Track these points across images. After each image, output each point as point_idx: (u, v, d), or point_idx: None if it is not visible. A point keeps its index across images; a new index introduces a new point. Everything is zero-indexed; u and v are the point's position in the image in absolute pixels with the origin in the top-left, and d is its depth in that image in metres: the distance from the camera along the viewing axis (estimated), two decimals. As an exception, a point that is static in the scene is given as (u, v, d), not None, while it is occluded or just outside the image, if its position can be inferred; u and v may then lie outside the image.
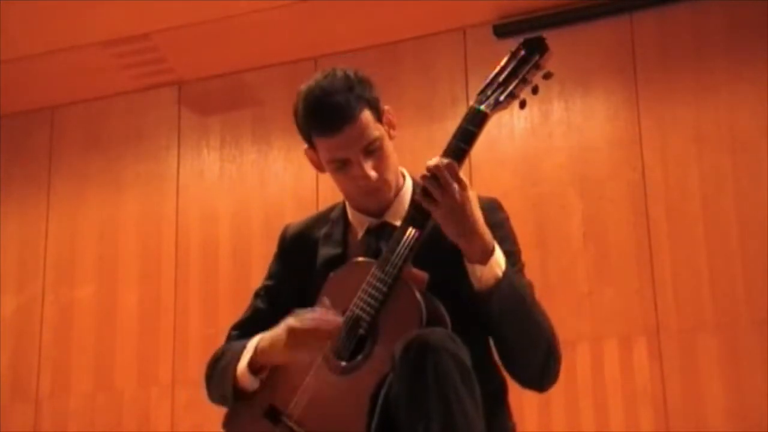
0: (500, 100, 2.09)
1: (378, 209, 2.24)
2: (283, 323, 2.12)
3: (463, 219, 2.01)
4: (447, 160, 2.01)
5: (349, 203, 2.29)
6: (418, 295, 2.04)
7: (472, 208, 2.02)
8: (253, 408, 2.19)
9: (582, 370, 4.05)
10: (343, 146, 2.14)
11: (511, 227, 2.26)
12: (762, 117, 4.12)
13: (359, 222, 2.26)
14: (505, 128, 4.44)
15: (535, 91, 2.13)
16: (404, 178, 2.28)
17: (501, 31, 4.45)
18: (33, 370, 4.87)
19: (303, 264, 2.29)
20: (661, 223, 4.16)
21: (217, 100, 4.98)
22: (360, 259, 2.17)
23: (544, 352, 2.11)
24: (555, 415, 4.07)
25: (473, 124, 2.07)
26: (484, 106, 2.09)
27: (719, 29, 4.26)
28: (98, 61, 4.81)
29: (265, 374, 2.18)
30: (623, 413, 4.02)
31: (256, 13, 4.49)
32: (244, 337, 2.30)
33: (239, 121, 4.91)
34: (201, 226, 4.83)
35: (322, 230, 2.32)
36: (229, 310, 4.20)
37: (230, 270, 4.68)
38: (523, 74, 2.10)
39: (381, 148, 2.17)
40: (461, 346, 1.92)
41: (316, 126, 2.16)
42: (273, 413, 2.15)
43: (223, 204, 4.83)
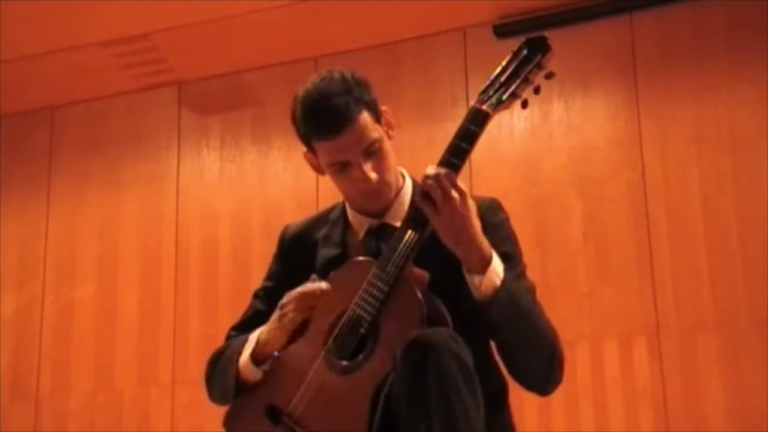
0: (502, 99, 2.09)
1: (378, 210, 2.24)
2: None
3: (462, 228, 2.01)
4: (445, 170, 2.01)
5: (349, 204, 2.29)
6: (419, 295, 2.04)
7: (471, 217, 2.02)
8: (254, 407, 2.19)
9: (582, 370, 4.05)
10: (343, 149, 2.14)
11: (512, 228, 2.25)
12: (762, 117, 4.12)
13: (359, 223, 2.26)
14: (505, 128, 4.44)
15: (537, 91, 2.13)
16: (404, 179, 2.28)
17: (501, 31, 4.45)
18: (33, 370, 4.87)
19: (303, 265, 2.28)
20: (661, 223, 4.16)
21: (217, 100, 4.98)
22: (361, 259, 2.16)
23: (546, 357, 2.11)
24: (555, 415, 4.07)
25: (475, 124, 2.07)
26: (485, 106, 2.09)
27: (719, 29, 4.26)
28: (98, 61, 4.81)
29: (268, 365, 2.18)
30: (623, 413, 4.02)
31: (256, 13, 4.49)
32: None
33: (239, 121, 4.91)
34: (201, 226, 4.83)
35: (322, 231, 2.32)
36: (229, 310, 4.20)
37: (230, 270, 4.68)
38: (525, 74, 2.10)
39: (380, 150, 2.17)
40: (463, 346, 1.92)
41: (315, 130, 2.16)
42: (274, 412, 2.15)
43: (223, 204, 4.83)
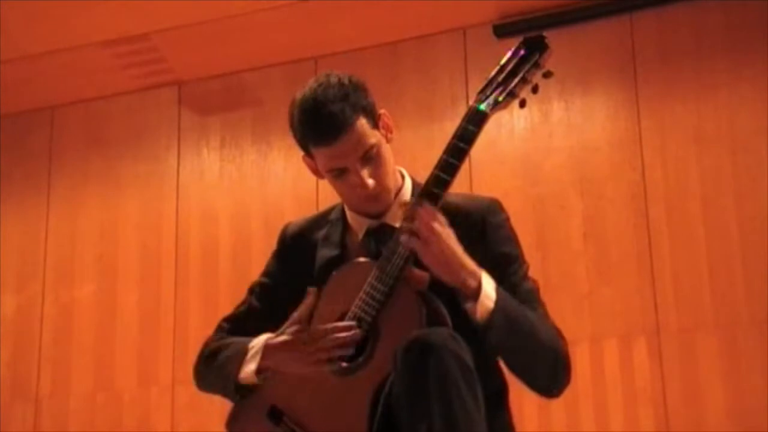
0: (500, 99, 2.09)
1: (377, 212, 2.24)
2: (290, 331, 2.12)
3: (451, 256, 2.02)
4: (419, 203, 2.03)
5: (348, 207, 2.29)
6: (419, 296, 2.05)
7: (455, 243, 2.04)
8: (256, 408, 2.19)
9: (582, 370, 4.05)
10: (340, 156, 2.14)
11: (512, 228, 2.25)
12: (762, 117, 4.12)
13: (358, 224, 2.26)
14: (505, 128, 4.44)
15: (535, 90, 2.13)
16: (403, 179, 2.27)
17: (501, 31, 4.45)
18: (33, 370, 4.87)
19: (301, 265, 2.29)
20: (661, 223, 4.16)
21: (216, 100, 4.98)
22: (361, 260, 2.17)
23: (551, 364, 2.11)
24: (555, 415, 4.07)
25: (473, 124, 2.07)
26: (484, 106, 2.09)
27: (719, 29, 4.26)
28: (98, 61, 4.81)
29: (269, 373, 2.18)
30: (623, 413, 4.02)
31: (256, 13, 4.49)
32: (235, 332, 2.32)
33: (239, 121, 4.91)
34: (201, 226, 4.83)
35: (322, 231, 2.31)
36: (228, 310, 4.20)
37: (230, 270, 4.68)
38: (523, 73, 2.10)
39: (378, 155, 2.16)
40: (463, 346, 1.92)
41: (312, 137, 2.15)
42: (275, 413, 2.16)
43: (223, 204, 4.83)
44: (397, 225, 2.11)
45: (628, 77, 4.34)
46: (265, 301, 2.35)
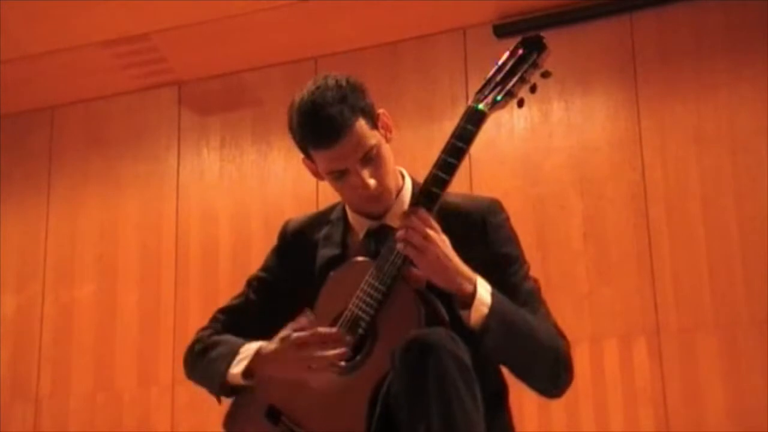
0: (498, 99, 2.09)
1: (378, 213, 2.23)
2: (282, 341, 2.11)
3: (447, 262, 2.02)
4: (415, 211, 2.03)
5: (349, 207, 2.29)
6: (417, 295, 2.05)
7: (450, 249, 2.03)
8: (253, 408, 2.20)
9: (582, 370, 4.02)
10: (340, 158, 2.13)
11: (512, 228, 2.25)
12: (762, 117, 4.12)
13: (359, 224, 2.26)
14: (505, 128, 4.44)
15: (534, 90, 2.13)
16: (403, 179, 2.27)
17: (501, 31, 4.45)
18: (33, 370, 4.87)
19: (301, 263, 2.29)
20: (661, 223, 4.16)
21: (216, 100, 4.98)
22: (359, 259, 2.17)
23: (551, 365, 2.11)
24: (555, 415, 4.07)
25: (471, 123, 2.07)
26: (482, 105, 2.09)
27: (719, 29, 4.26)
28: (98, 61, 4.81)
29: (256, 378, 2.18)
30: (623, 413, 4.02)
31: (256, 13, 4.49)
32: (230, 325, 2.34)
33: (239, 121, 4.91)
34: (201, 226, 4.83)
35: (323, 231, 2.31)
36: (229, 310, 4.20)
37: (230, 270, 4.68)
38: (521, 73, 2.10)
39: (378, 155, 2.16)
40: (461, 346, 1.92)
41: (311, 140, 2.15)
42: (273, 413, 2.16)
43: (223, 204, 4.83)
44: (397, 226, 2.11)
45: (628, 77, 4.34)
46: (261, 295, 2.35)
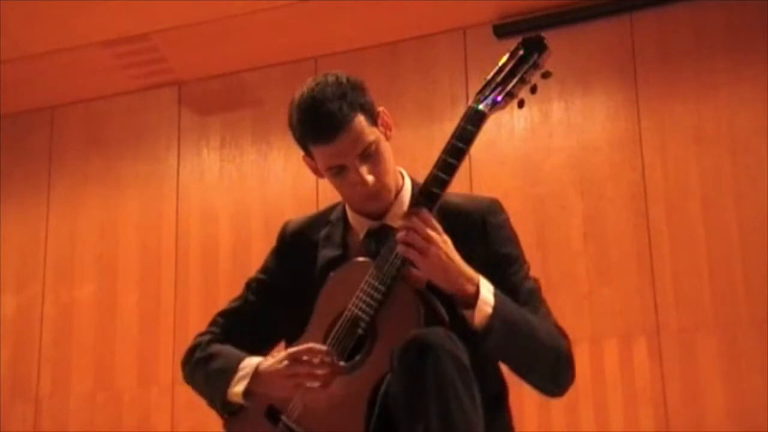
0: (498, 99, 2.09)
1: (378, 212, 2.23)
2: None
3: (449, 263, 2.02)
4: (416, 212, 2.02)
5: (348, 206, 2.29)
6: (417, 295, 2.05)
7: (452, 250, 2.03)
8: (253, 408, 2.19)
9: (582, 370, 3.97)
10: (339, 154, 2.14)
11: (512, 228, 2.25)
12: (762, 117, 4.12)
13: (359, 224, 2.26)
14: (505, 128, 4.44)
15: (534, 90, 2.13)
16: (403, 179, 2.27)
17: (501, 31, 4.45)
18: (33, 370, 4.87)
19: (301, 264, 2.29)
20: (661, 223, 4.16)
21: (217, 100, 4.98)
22: (359, 259, 2.17)
23: (552, 364, 2.11)
24: (555, 415, 4.07)
25: (471, 124, 2.07)
26: (482, 106, 2.09)
27: (719, 29, 4.26)
28: (98, 61, 4.81)
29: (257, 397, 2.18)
30: (623, 413, 4.02)
31: (256, 13, 4.49)
32: (230, 328, 2.35)
33: (239, 121, 4.91)
34: (201, 226, 4.83)
35: (322, 232, 2.31)
36: (228, 310, 4.20)
37: (230, 270, 4.68)
38: (521, 73, 2.10)
39: (377, 152, 2.16)
40: (460, 346, 1.92)
41: (311, 135, 2.15)
42: (272, 413, 2.16)
43: (223, 204, 4.83)
44: (397, 226, 2.10)
45: (628, 77, 4.34)
46: (261, 297, 2.35)
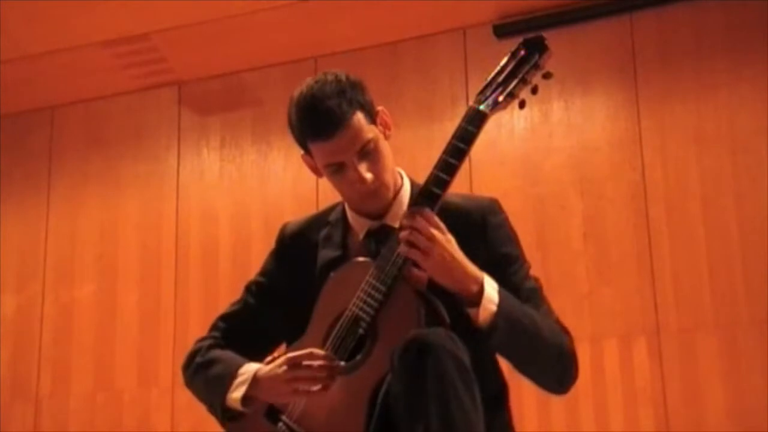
0: (499, 100, 2.09)
1: (377, 211, 2.23)
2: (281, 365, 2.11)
3: (453, 262, 2.02)
4: (418, 211, 2.02)
5: (348, 206, 2.29)
6: (418, 295, 2.05)
7: (456, 248, 2.03)
8: (252, 413, 2.19)
9: (582, 370, 3.96)
10: (338, 151, 2.14)
11: (511, 227, 2.25)
12: (762, 117, 4.12)
13: (359, 225, 2.26)
14: (505, 128, 4.44)
15: (535, 91, 2.13)
16: (402, 179, 2.27)
17: (501, 31, 4.45)
18: (33, 370, 4.87)
19: (300, 265, 2.28)
20: (661, 223, 4.16)
21: (217, 100, 4.98)
22: (360, 259, 2.17)
23: (557, 362, 2.12)
24: (555, 415, 4.07)
25: (472, 124, 2.07)
26: (483, 106, 2.09)
27: (719, 29, 4.26)
28: (98, 61, 4.81)
29: (253, 409, 2.18)
30: (623, 413, 4.02)
31: (256, 13, 4.49)
32: (230, 332, 2.34)
33: (239, 121, 4.91)
34: (201, 226, 4.83)
35: (322, 232, 2.31)
36: (229, 310, 4.20)
37: (230, 270, 4.68)
38: (522, 74, 2.10)
39: (376, 150, 2.16)
40: (460, 346, 1.92)
41: (309, 132, 2.15)
42: (272, 413, 2.16)
43: (223, 204, 4.83)
44: (398, 225, 2.10)
45: (628, 77, 4.34)
46: (260, 300, 2.35)
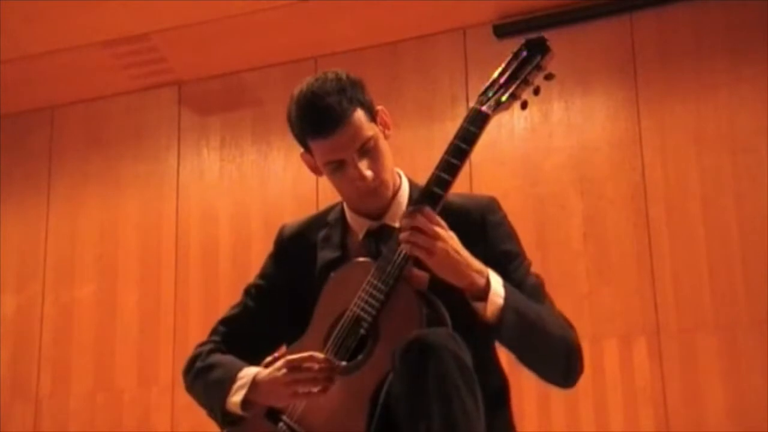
0: (501, 101, 2.10)
1: (376, 211, 2.23)
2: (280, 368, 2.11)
3: (457, 258, 2.02)
4: (418, 210, 2.01)
5: (347, 206, 2.29)
6: (419, 296, 2.05)
7: (459, 245, 2.03)
8: (252, 417, 2.19)
9: None
10: (338, 148, 2.14)
11: (510, 225, 2.26)
12: (762, 117, 4.12)
13: (358, 225, 2.26)
14: (505, 128, 4.44)
15: (537, 92, 2.13)
16: (400, 179, 2.27)
17: (501, 31, 4.45)
18: (33, 370, 4.87)
19: (299, 267, 2.28)
20: (661, 223, 4.16)
21: (217, 100, 4.98)
22: (361, 259, 2.17)
23: (563, 355, 2.13)
24: (555, 415, 4.07)
25: (474, 125, 2.07)
26: (485, 107, 2.09)
27: (719, 29, 4.26)
28: (98, 61, 4.81)
29: (253, 413, 2.18)
30: (623, 413, 4.02)
31: (256, 13, 4.49)
32: (231, 335, 2.34)
33: (239, 121, 4.91)
34: (201, 226, 4.83)
35: (320, 233, 2.31)
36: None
37: (230, 270, 4.68)
38: (524, 75, 2.10)
39: (376, 148, 2.16)
40: (462, 346, 1.92)
41: (310, 129, 2.15)
42: (273, 413, 2.16)
43: (223, 204, 4.83)
44: (397, 225, 2.10)
45: (628, 77, 4.34)
46: (260, 302, 2.35)
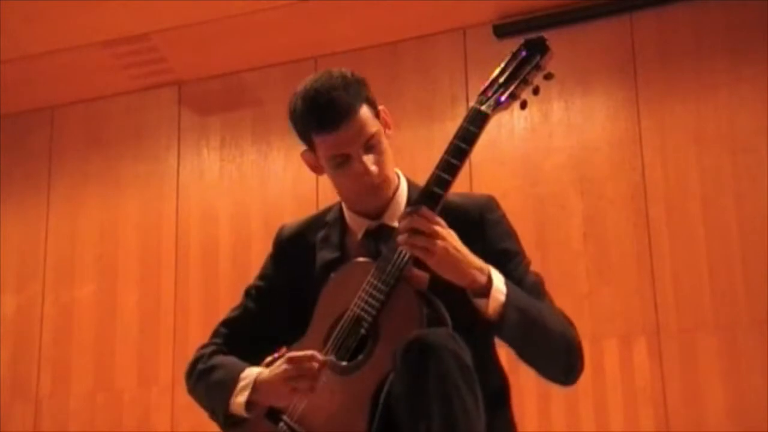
0: (501, 100, 2.09)
1: (375, 210, 2.23)
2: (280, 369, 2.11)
3: (457, 256, 2.02)
4: (416, 210, 2.01)
5: (346, 205, 2.28)
6: (419, 296, 2.05)
7: (458, 242, 2.03)
8: (254, 418, 2.19)
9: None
10: (344, 142, 2.14)
11: (509, 223, 2.26)
12: (762, 117, 4.12)
13: (357, 224, 2.26)
14: (505, 128, 4.44)
15: (536, 91, 2.13)
16: (399, 179, 2.27)
17: (501, 31, 4.45)
18: (33, 370, 4.87)
19: (299, 267, 2.28)
20: (661, 223, 4.16)
21: (217, 100, 4.98)
22: (361, 260, 2.16)
23: (564, 352, 2.14)
24: (555, 415, 4.07)
25: (474, 125, 2.07)
26: (485, 107, 2.09)
27: (719, 29, 4.26)
28: (98, 61, 4.81)
29: (257, 413, 2.18)
30: (623, 413, 4.02)
31: (256, 13, 4.49)
32: (232, 337, 2.33)
33: (239, 121, 4.91)
34: (201, 226, 4.83)
35: (319, 233, 2.31)
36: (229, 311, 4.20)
37: (230, 270, 4.68)
38: (524, 75, 2.10)
39: (380, 144, 2.17)
40: (462, 346, 1.92)
41: (316, 123, 2.15)
42: (273, 413, 2.16)
43: (223, 204, 4.83)
44: (396, 225, 2.10)
45: (628, 77, 4.34)
46: (260, 304, 2.34)
